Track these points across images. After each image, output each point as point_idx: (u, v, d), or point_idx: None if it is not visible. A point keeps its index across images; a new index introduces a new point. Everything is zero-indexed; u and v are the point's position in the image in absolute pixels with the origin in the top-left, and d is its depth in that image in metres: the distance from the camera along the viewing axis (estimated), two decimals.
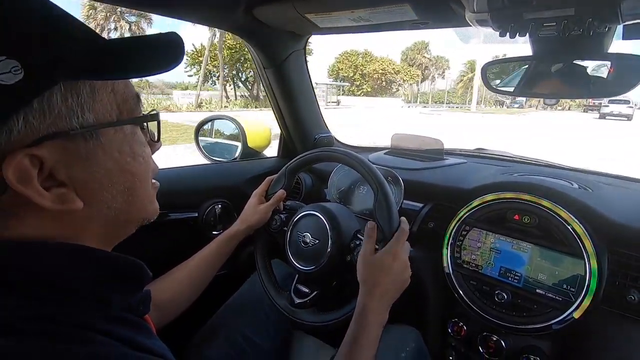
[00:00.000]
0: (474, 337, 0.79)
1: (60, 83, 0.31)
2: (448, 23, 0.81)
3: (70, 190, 0.34)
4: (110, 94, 0.36)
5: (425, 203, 0.96)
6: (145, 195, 0.42)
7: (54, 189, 0.33)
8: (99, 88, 0.35)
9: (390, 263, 0.64)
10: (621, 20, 0.56)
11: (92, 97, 0.34)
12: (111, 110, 0.36)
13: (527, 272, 0.74)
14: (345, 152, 0.78)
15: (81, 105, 0.33)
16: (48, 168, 0.32)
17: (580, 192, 0.79)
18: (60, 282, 0.33)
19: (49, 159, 0.32)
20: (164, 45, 0.38)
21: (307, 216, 0.80)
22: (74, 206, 0.34)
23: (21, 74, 0.29)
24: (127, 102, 0.38)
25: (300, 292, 0.78)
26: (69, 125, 0.32)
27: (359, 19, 0.83)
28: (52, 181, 0.33)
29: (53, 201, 0.33)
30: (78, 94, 0.33)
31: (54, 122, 0.31)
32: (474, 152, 1.23)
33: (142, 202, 0.42)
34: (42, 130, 0.31)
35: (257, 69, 1.15)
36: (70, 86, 0.32)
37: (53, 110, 0.31)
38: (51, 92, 0.31)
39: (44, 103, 0.30)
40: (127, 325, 0.37)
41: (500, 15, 0.61)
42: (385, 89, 47.35)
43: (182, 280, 0.74)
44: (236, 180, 1.16)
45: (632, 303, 0.65)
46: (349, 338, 0.59)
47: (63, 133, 0.32)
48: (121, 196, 0.38)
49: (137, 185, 0.40)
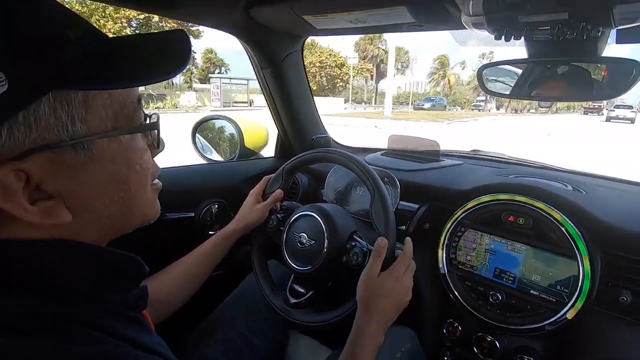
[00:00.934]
0: (469, 338, 0.79)
1: (50, 94, 0.29)
2: (444, 25, 0.81)
3: (59, 203, 0.33)
4: (107, 99, 0.34)
5: (421, 204, 0.96)
6: (143, 202, 0.41)
7: (41, 202, 0.32)
8: (94, 96, 0.33)
9: (392, 287, 0.63)
10: (614, 25, 0.56)
11: (84, 106, 0.32)
12: (106, 118, 0.34)
13: (521, 273, 0.75)
14: (343, 153, 0.78)
15: (71, 115, 0.31)
16: (35, 181, 0.31)
17: (574, 194, 0.80)
18: (59, 281, 0.33)
19: (36, 173, 0.30)
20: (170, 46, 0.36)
21: (304, 217, 0.80)
22: (62, 219, 0.33)
23: (5, 85, 0.27)
24: (125, 108, 0.36)
25: (295, 292, 0.78)
26: (57, 138, 0.30)
27: (355, 21, 0.83)
28: (39, 194, 0.31)
29: (40, 216, 0.31)
30: (69, 104, 0.31)
31: (41, 134, 0.29)
32: (469, 154, 1.24)
33: (140, 209, 0.41)
34: (28, 144, 0.29)
35: (254, 70, 1.15)
36: (60, 96, 0.30)
37: (39, 122, 0.29)
38: (38, 103, 0.29)
39: (29, 116, 0.29)
40: (127, 322, 0.37)
41: (495, 18, 0.61)
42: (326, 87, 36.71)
43: (178, 277, 0.74)
44: (233, 181, 1.16)
45: (625, 304, 0.65)
46: (344, 357, 0.59)
47: (51, 145, 0.30)
48: (115, 206, 0.37)
49: (132, 195, 0.38)
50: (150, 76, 0.35)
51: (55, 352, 0.28)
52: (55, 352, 0.28)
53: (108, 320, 0.34)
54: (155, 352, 0.36)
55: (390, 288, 0.63)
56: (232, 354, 0.77)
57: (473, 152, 1.27)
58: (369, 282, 0.64)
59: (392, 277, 0.63)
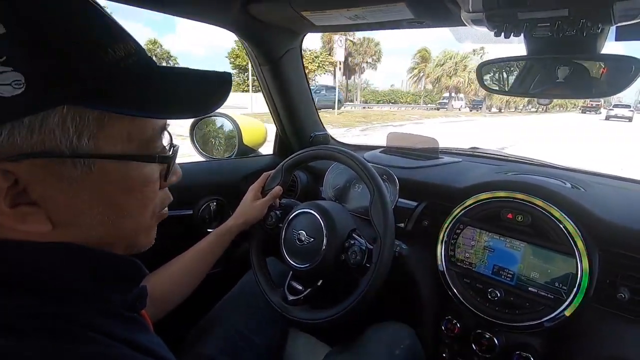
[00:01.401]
0: (467, 335, 0.79)
1: (64, 106, 0.28)
2: (444, 22, 0.81)
3: (40, 211, 0.31)
4: (127, 122, 0.32)
5: (420, 201, 0.96)
6: (137, 229, 0.39)
7: (22, 207, 0.30)
8: (113, 116, 0.31)
9: None
10: (614, 22, 0.56)
11: (97, 125, 0.31)
12: (118, 140, 0.32)
13: (520, 270, 0.75)
14: (342, 151, 0.78)
15: (80, 131, 0.30)
16: (22, 185, 0.30)
17: (573, 192, 0.80)
18: (58, 281, 0.33)
19: (26, 177, 0.29)
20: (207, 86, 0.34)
21: (303, 214, 0.80)
22: (37, 228, 0.31)
23: (21, 89, 0.26)
24: (143, 133, 0.34)
25: (293, 289, 0.78)
26: (57, 149, 0.29)
27: (355, 17, 0.83)
28: (23, 198, 0.30)
29: (14, 219, 0.30)
30: (81, 119, 0.30)
31: (42, 141, 0.28)
32: (468, 151, 1.24)
33: (130, 236, 0.39)
34: (25, 148, 0.28)
35: (253, 67, 1.14)
36: (75, 110, 0.29)
37: (44, 130, 0.28)
38: (50, 112, 0.28)
39: (36, 122, 0.28)
40: (125, 322, 0.37)
41: (495, 15, 0.61)
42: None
43: (177, 274, 0.74)
44: (231, 178, 1.16)
45: (623, 301, 0.66)
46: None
47: (49, 154, 0.29)
48: (102, 227, 0.35)
49: (124, 220, 0.36)
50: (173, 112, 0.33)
51: (56, 352, 0.28)
52: (54, 353, 0.28)
53: (106, 321, 0.34)
54: (153, 353, 0.36)
55: None
56: (231, 351, 0.77)
57: (472, 150, 1.27)
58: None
59: None
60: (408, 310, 0.88)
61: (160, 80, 0.33)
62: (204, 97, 0.35)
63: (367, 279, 0.68)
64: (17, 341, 0.28)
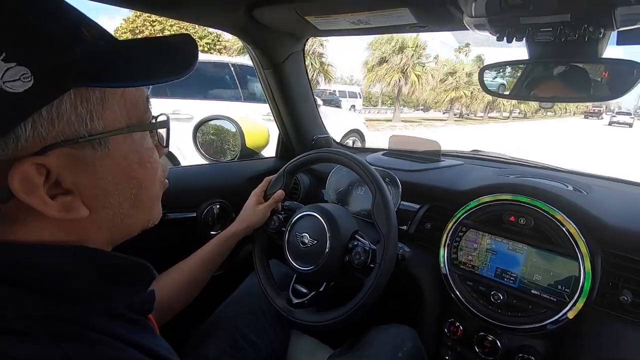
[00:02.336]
0: (470, 337, 0.80)
1: (71, 90, 0.30)
2: (446, 27, 0.82)
3: (77, 198, 0.33)
4: (121, 99, 0.35)
5: (422, 204, 0.97)
6: (151, 200, 0.42)
7: (59, 197, 0.32)
8: (109, 94, 0.34)
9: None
10: (616, 27, 0.57)
11: (101, 104, 0.33)
12: (120, 116, 0.35)
13: (522, 273, 0.75)
14: (345, 154, 0.78)
15: (90, 112, 0.32)
16: (54, 176, 0.31)
17: (575, 195, 0.81)
18: (66, 283, 0.33)
19: (56, 168, 0.31)
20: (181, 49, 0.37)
21: (306, 217, 0.80)
22: (80, 214, 0.33)
23: (31, 81, 0.27)
24: (137, 106, 0.37)
25: (298, 292, 0.78)
26: (77, 133, 0.31)
27: (358, 22, 0.83)
28: (58, 189, 0.32)
29: (59, 210, 0.32)
30: (88, 101, 0.32)
31: (62, 130, 0.30)
32: (470, 154, 1.24)
33: (147, 207, 0.41)
34: (50, 139, 0.30)
35: (256, 70, 1.15)
36: (80, 93, 0.31)
37: (62, 118, 0.30)
38: (61, 99, 0.30)
39: (52, 111, 0.29)
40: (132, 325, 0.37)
41: (497, 20, 0.62)
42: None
43: (180, 280, 0.74)
44: (234, 181, 1.17)
45: (625, 303, 0.66)
46: None
47: (71, 141, 0.31)
48: (127, 202, 0.38)
49: (142, 191, 0.39)
50: (160, 76, 0.35)
51: (60, 352, 0.28)
52: (60, 353, 0.28)
53: (114, 323, 0.34)
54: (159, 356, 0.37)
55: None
56: (233, 353, 0.77)
57: (473, 153, 1.27)
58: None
59: None
60: (411, 312, 0.88)
61: (136, 51, 0.35)
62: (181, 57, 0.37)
63: (372, 279, 0.69)
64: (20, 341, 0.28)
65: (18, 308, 0.30)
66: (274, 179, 0.89)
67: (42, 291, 0.31)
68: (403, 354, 0.76)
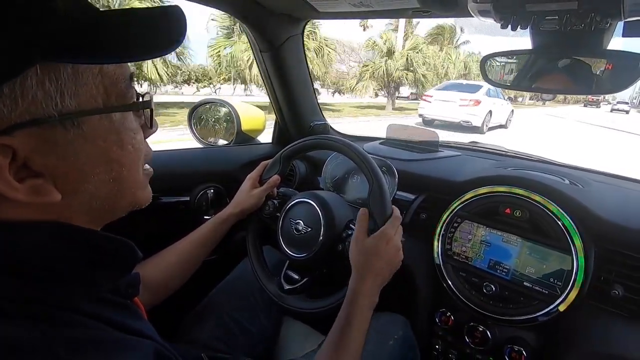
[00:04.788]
0: (461, 327, 0.80)
1: (37, 65, 0.28)
2: (450, 12, 0.80)
3: (47, 181, 0.31)
4: (97, 76, 0.32)
5: (418, 194, 0.96)
6: (135, 183, 0.39)
7: (28, 180, 0.30)
8: (84, 70, 0.31)
9: (384, 246, 0.64)
10: (624, 17, 0.55)
11: (74, 81, 0.30)
12: (97, 94, 0.33)
13: (515, 265, 0.75)
14: (342, 141, 0.77)
15: (60, 90, 0.29)
16: (22, 158, 0.29)
17: (571, 188, 0.80)
18: (47, 264, 0.32)
19: (23, 149, 0.29)
20: (164, 20, 0.34)
21: (301, 204, 0.80)
22: (50, 198, 0.32)
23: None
24: (117, 85, 0.35)
25: (290, 278, 0.78)
26: (45, 113, 0.29)
27: (359, 5, 0.81)
28: (26, 171, 0.30)
29: (26, 194, 0.30)
30: (57, 78, 0.29)
31: (28, 108, 0.28)
32: (468, 145, 1.24)
33: (131, 191, 0.39)
34: (14, 118, 0.28)
35: (253, 53, 1.12)
36: (48, 68, 0.29)
37: (27, 95, 0.28)
38: (25, 75, 0.27)
39: (15, 88, 0.27)
40: (116, 308, 0.37)
41: (502, 6, 0.60)
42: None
43: (173, 262, 0.74)
44: (229, 166, 1.15)
45: (616, 298, 0.66)
46: (340, 320, 0.60)
47: (38, 121, 0.29)
48: (105, 186, 0.36)
49: (124, 175, 0.37)
50: (142, 52, 0.33)
51: (42, 336, 0.28)
52: (41, 337, 0.28)
53: (97, 306, 0.34)
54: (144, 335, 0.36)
55: (381, 248, 0.64)
56: (225, 338, 0.77)
57: (471, 144, 1.27)
58: (356, 246, 0.66)
59: (382, 239, 0.65)
60: (403, 301, 0.89)
61: (115, 24, 0.33)
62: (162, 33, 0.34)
63: None
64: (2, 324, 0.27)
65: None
66: (270, 164, 0.88)
67: (18, 272, 0.30)
68: (394, 341, 0.76)
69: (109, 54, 0.32)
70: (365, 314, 0.60)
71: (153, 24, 0.34)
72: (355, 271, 0.64)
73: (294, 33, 1.06)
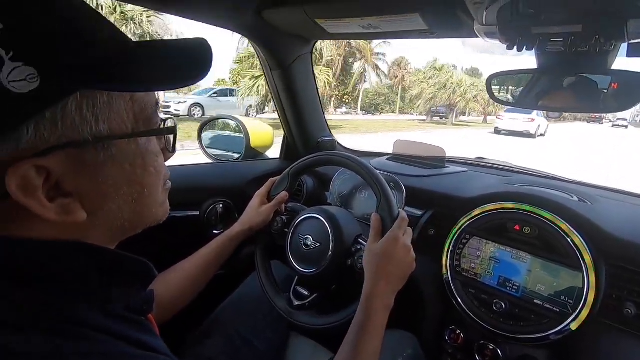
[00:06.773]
0: (471, 345, 0.79)
1: (78, 92, 0.30)
2: (456, 34, 0.82)
3: (75, 201, 0.33)
4: (129, 102, 0.34)
5: (426, 210, 0.96)
6: (155, 203, 0.41)
7: (58, 199, 0.31)
8: (118, 97, 0.33)
9: (393, 248, 0.65)
10: (627, 39, 0.57)
11: (108, 107, 0.32)
12: (127, 120, 0.34)
13: (525, 282, 0.75)
14: (350, 157, 0.78)
15: (96, 115, 0.31)
16: (55, 178, 0.31)
17: (580, 205, 0.80)
18: (64, 281, 0.33)
19: (56, 170, 0.30)
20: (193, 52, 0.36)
21: (309, 219, 0.80)
22: (77, 217, 0.33)
23: (37, 82, 0.27)
24: (145, 111, 0.37)
25: (299, 294, 0.78)
26: (81, 136, 0.31)
27: (368, 26, 0.84)
28: (57, 191, 0.31)
29: (56, 213, 0.31)
30: (94, 104, 0.31)
31: (66, 132, 0.30)
32: (475, 161, 1.24)
33: (150, 210, 0.41)
34: (53, 141, 0.29)
35: (263, 71, 1.15)
36: (87, 95, 0.30)
37: (66, 120, 0.29)
38: (66, 101, 0.29)
39: (57, 113, 0.29)
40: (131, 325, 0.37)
41: (508, 28, 0.62)
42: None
43: (181, 279, 0.74)
44: (238, 181, 1.16)
45: (629, 316, 0.66)
46: (355, 326, 0.60)
47: (74, 144, 0.30)
48: (128, 206, 0.37)
49: (145, 196, 0.38)
50: (171, 82, 0.35)
51: (56, 351, 0.28)
52: (56, 351, 0.28)
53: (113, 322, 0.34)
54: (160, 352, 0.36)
55: (390, 250, 0.65)
56: (232, 354, 0.77)
57: (477, 160, 1.27)
58: (368, 250, 0.67)
59: (391, 240, 0.66)
60: (411, 318, 0.88)
61: (148, 56, 0.35)
62: (191, 64, 0.36)
63: None
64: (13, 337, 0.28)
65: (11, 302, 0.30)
66: (278, 180, 0.89)
67: (36, 287, 0.31)
68: (403, 359, 0.76)
69: (141, 83, 0.33)
70: (381, 316, 0.60)
71: (183, 56, 0.36)
72: (368, 276, 0.64)
73: (303, 52, 1.09)
